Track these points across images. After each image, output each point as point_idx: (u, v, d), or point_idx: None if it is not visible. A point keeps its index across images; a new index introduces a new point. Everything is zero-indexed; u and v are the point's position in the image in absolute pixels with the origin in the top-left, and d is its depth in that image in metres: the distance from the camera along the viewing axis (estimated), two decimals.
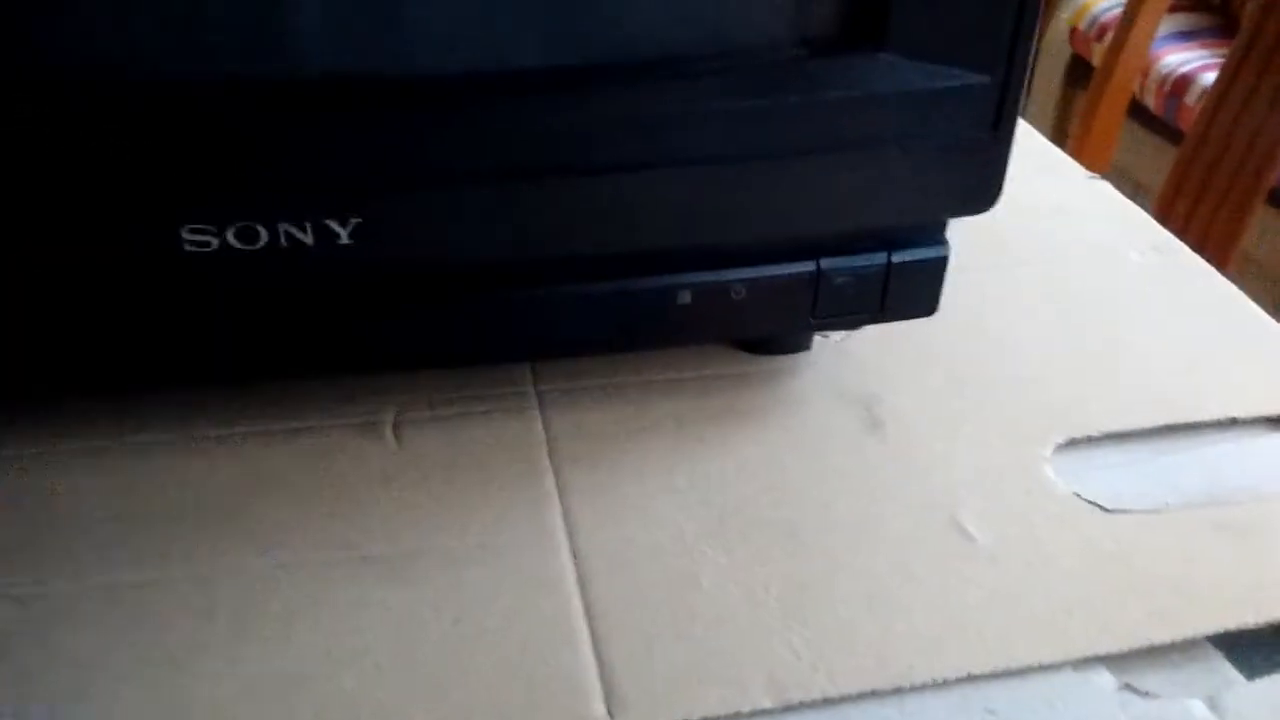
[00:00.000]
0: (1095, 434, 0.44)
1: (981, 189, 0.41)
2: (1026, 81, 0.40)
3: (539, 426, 0.43)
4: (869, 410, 0.44)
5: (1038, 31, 0.39)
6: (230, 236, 0.36)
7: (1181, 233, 1.33)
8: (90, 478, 0.40)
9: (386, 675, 0.34)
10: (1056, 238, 0.55)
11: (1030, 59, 0.39)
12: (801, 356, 0.47)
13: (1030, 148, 0.64)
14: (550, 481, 0.41)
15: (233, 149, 0.35)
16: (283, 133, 0.35)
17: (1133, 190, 1.70)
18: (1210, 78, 1.50)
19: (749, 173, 0.38)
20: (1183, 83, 1.51)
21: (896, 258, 0.42)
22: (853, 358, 0.47)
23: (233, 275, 0.37)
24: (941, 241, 0.43)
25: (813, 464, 0.42)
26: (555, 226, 0.38)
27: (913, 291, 0.43)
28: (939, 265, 0.43)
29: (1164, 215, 1.34)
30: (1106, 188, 0.61)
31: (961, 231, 0.42)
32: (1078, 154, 1.44)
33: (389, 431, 0.43)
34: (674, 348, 0.46)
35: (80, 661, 0.34)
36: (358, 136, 0.35)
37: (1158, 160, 1.52)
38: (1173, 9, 1.51)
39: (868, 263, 0.42)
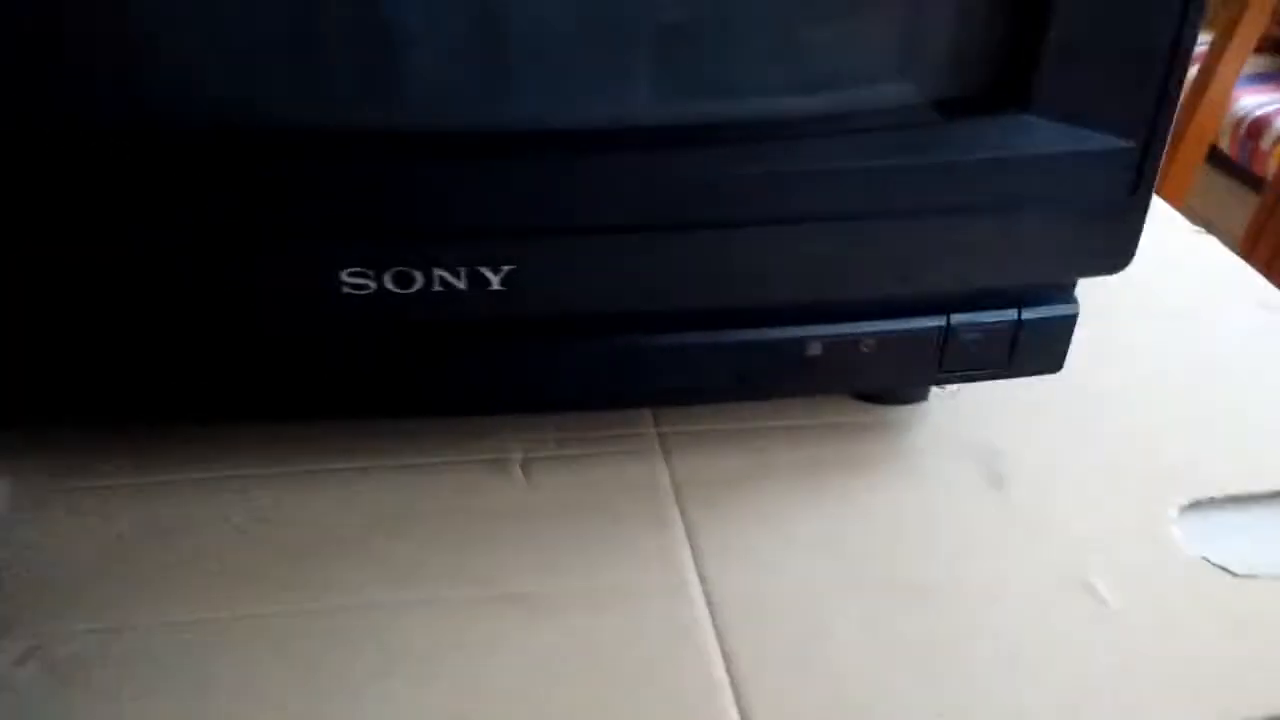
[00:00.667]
0: (1218, 495, 0.44)
1: (1116, 250, 0.41)
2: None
3: (662, 469, 0.44)
4: (989, 465, 0.45)
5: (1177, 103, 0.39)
6: (387, 280, 0.37)
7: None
8: (228, 509, 0.41)
9: (535, 716, 0.34)
10: (1165, 293, 0.55)
11: (1172, 123, 0.39)
12: (917, 407, 0.48)
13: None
14: (678, 526, 0.41)
15: (393, 197, 0.36)
16: (442, 183, 0.36)
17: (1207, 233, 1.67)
18: None
19: (886, 230, 0.39)
20: (1258, 126, 1.50)
21: (1027, 315, 0.42)
22: (968, 410, 0.47)
23: (386, 317, 0.38)
24: (1072, 300, 0.43)
25: (937, 519, 0.42)
26: (694, 278, 0.39)
27: (1040, 348, 0.43)
28: (1068, 323, 0.43)
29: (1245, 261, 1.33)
30: (1212, 242, 0.61)
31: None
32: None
33: (518, 470, 0.44)
34: (799, 397, 0.46)
35: (231, 691, 0.35)
36: (512, 187, 0.36)
37: (1231, 203, 1.51)
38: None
39: (998, 319, 0.42)
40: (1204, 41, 1.46)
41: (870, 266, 0.40)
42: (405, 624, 0.37)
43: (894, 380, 0.45)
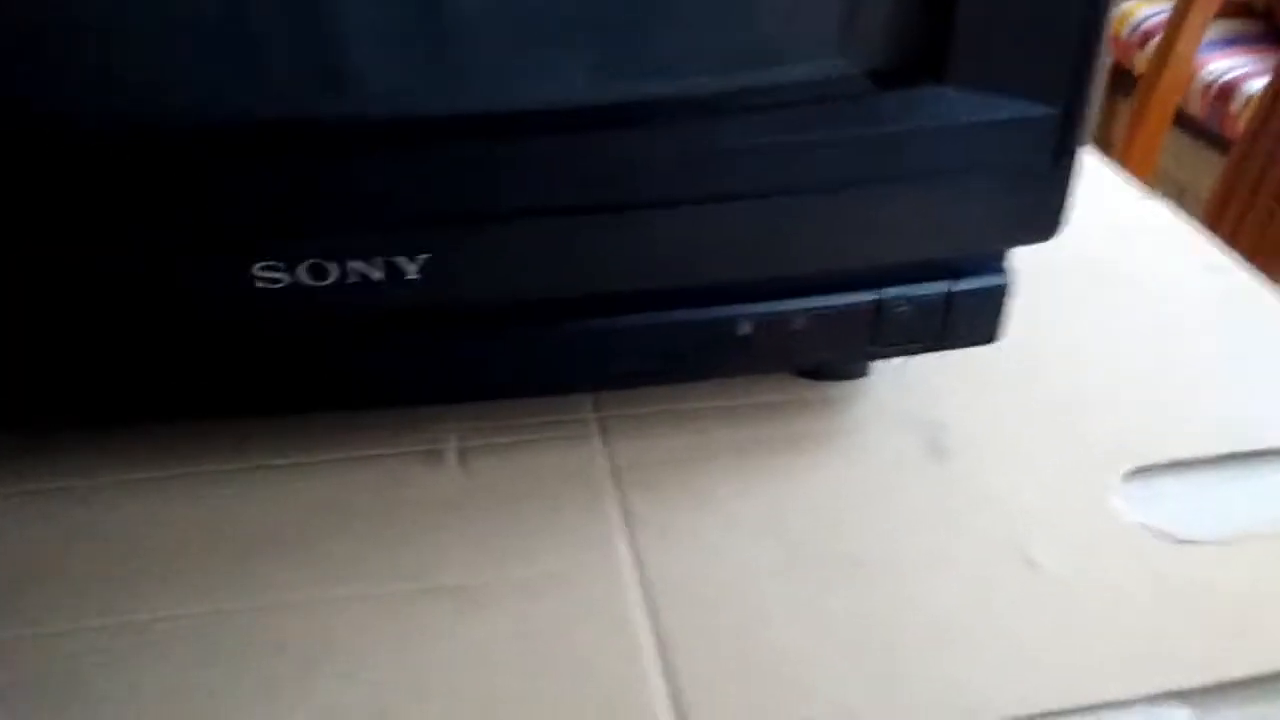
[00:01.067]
0: (1162, 462, 0.43)
1: (1044, 219, 0.41)
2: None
3: (602, 454, 0.44)
4: (933, 438, 0.44)
5: (1101, 59, 0.39)
6: (301, 273, 0.36)
7: (1231, 239, 1.32)
8: (155, 508, 0.41)
9: (461, 708, 0.34)
10: (1113, 260, 0.55)
11: (1095, 87, 0.39)
12: (861, 382, 0.47)
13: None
14: (616, 512, 0.41)
15: (302, 188, 0.35)
16: (353, 172, 0.35)
17: (1178, 196, 1.69)
18: (1255, 85, 1.49)
19: (810, 206, 0.38)
20: (1227, 90, 1.49)
21: (957, 287, 0.42)
22: (912, 383, 0.47)
23: (303, 310, 0.37)
24: (1002, 270, 0.43)
25: (878, 494, 0.42)
26: (617, 260, 0.39)
27: (974, 320, 0.43)
28: (1000, 294, 0.43)
29: (1213, 223, 1.32)
30: (1160, 207, 0.60)
31: (1018, 254, 0.42)
32: (1123, 162, 1.43)
33: (453, 459, 0.43)
34: (735, 376, 0.46)
35: (153, 695, 0.34)
36: (424, 174, 0.36)
37: (1202, 167, 1.51)
38: (1215, 15, 1.49)
39: (929, 292, 0.42)
40: (1168, 7, 1.46)
41: (796, 243, 0.39)
42: (337, 621, 0.37)
43: (828, 356, 0.45)
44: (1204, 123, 1.53)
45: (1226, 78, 1.51)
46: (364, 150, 0.35)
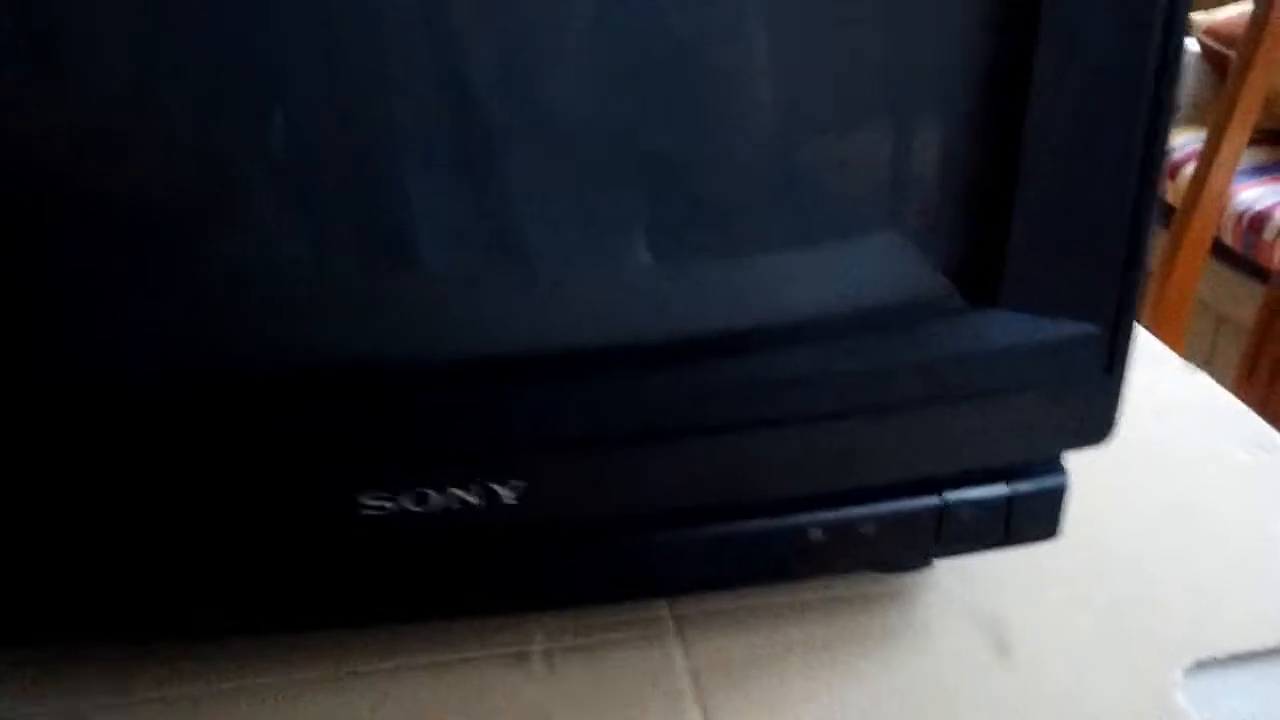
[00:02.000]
0: (1223, 655, 0.45)
1: (1097, 425, 0.43)
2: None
3: (679, 654, 0.45)
4: (996, 633, 0.46)
5: (1145, 278, 0.41)
6: (406, 500, 0.39)
7: (1272, 376, 1.32)
8: (258, 715, 0.43)
9: None
10: (1161, 439, 0.57)
11: (1139, 302, 0.42)
12: (925, 574, 0.49)
13: None
14: (695, 713, 0.43)
15: (405, 425, 0.38)
16: (452, 409, 0.38)
17: (1216, 326, 1.69)
18: None
19: (876, 424, 0.41)
20: (1259, 219, 1.52)
21: (1017, 489, 0.44)
22: (975, 576, 0.49)
23: (405, 532, 0.40)
24: (1060, 470, 0.45)
25: (946, 694, 0.43)
26: (697, 478, 0.41)
27: (1034, 518, 0.45)
28: (1058, 494, 0.45)
29: (1254, 357, 1.34)
30: (1205, 380, 0.62)
31: None
32: (1160, 293, 1.44)
33: (539, 662, 0.45)
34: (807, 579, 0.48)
35: None
36: (519, 410, 0.39)
37: (1241, 296, 1.52)
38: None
39: (990, 494, 0.44)
40: (1199, 139, 1.50)
41: (863, 457, 0.42)
42: None
43: (895, 557, 0.47)
44: (1239, 252, 1.55)
45: (1258, 207, 1.54)
46: (467, 390, 0.38)
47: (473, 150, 0.37)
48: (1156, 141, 0.38)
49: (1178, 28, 0.37)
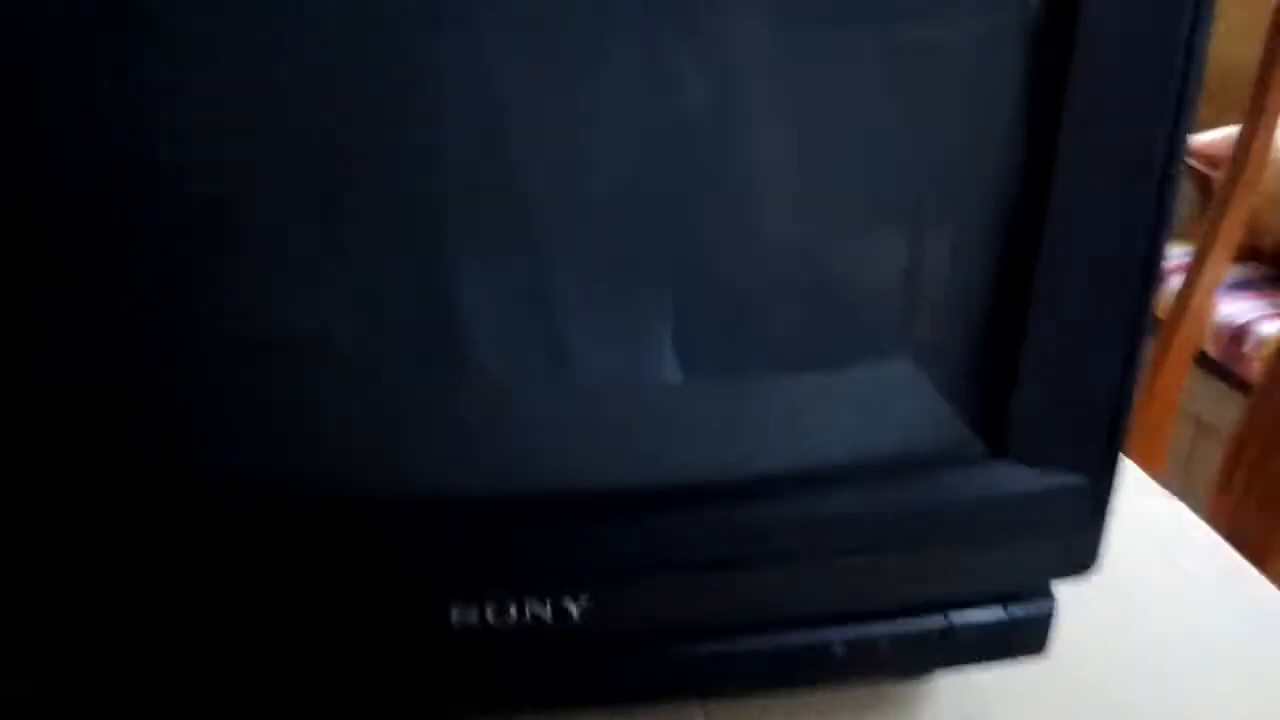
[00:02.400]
0: None
1: (1083, 558, 0.50)
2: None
3: None
4: None
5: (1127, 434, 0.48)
6: (489, 614, 0.45)
7: (1250, 484, 1.38)
8: None
9: None
10: (1140, 566, 0.63)
11: (1119, 455, 0.48)
12: (927, 681, 0.55)
13: None
14: None
15: (494, 552, 0.45)
16: (535, 539, 0.45)
17: (1196, 431, 1.75)
18: (1267, 327, 1.60)
19: (893, 556, 0.48)
20: (1240, 333, 1.60)
21: (1012, 611, 0.51)
22: (971, 685, 0.55)
23: (484, 640, 0.46)
24: (1049, 596, 0.51)
25: None
26: (737, 599, 0.48)
27: (1025, 637, 0.51)
28: (1047, 616, 0.51)
29: (1233, 464, 1.40)
30: (1179, 508, 0.69)
31: None
32: (1145, 400, 1.51)
33: None
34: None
35: None
36: (591, 539, 0.45)
37: (1224, 405, 1.59)
38: None
39: (988, 616, 0.50)
40: (1185, 253, 1.58)
41: (881, 583, 0.48)
42: None
43: (904, 667, 0.53)
44: (1221, 364, 1.63)
45: (1239, 321, 1.62)
46: (548, 522, 0.45)
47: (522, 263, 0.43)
48: (1143, 317, 0.45)
49: (1173, 180, 0.43)
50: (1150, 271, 0.45)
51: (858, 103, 0.43)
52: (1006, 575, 0.50)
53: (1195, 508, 0.70)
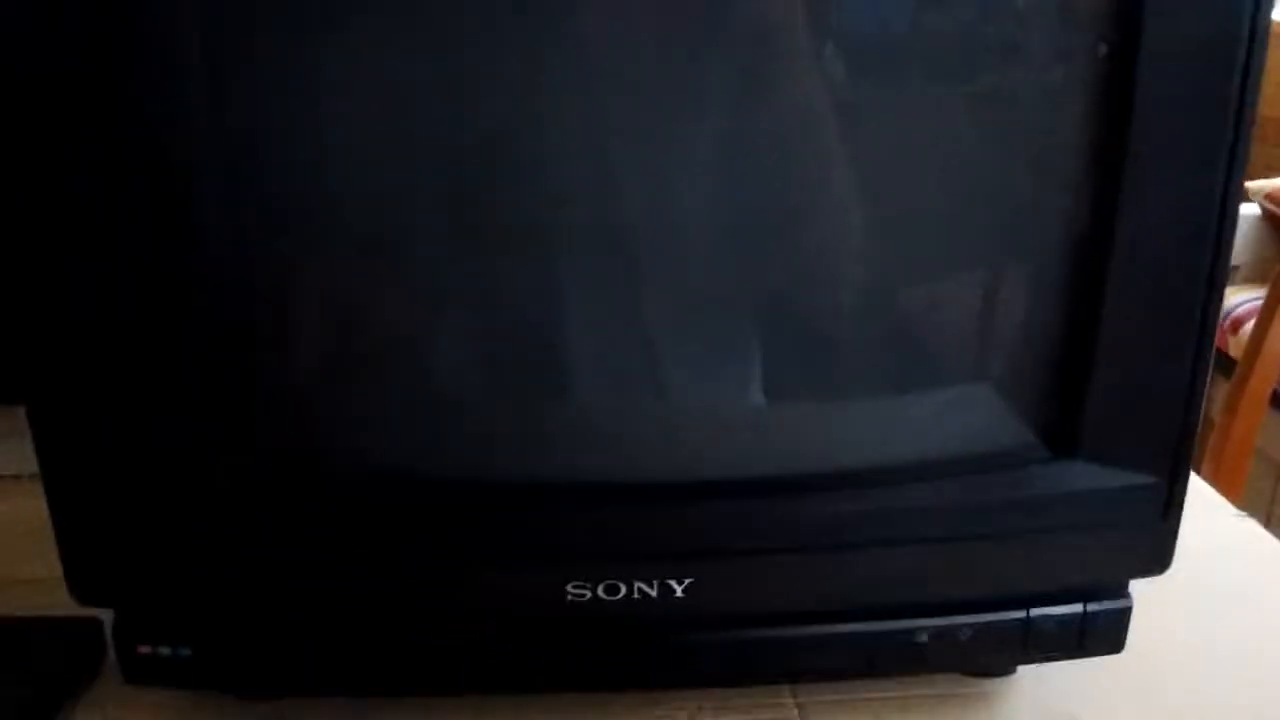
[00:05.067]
0: None
1: (1156, 559, 0.52)
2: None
3: None
4: None
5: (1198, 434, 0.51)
6: (600, 591, 0.49)
7: None
8: None
9: None
10: (1213, 574, 0.65)
11: (1191, 455, 0.51)
12: (1010, 679, 0.58)
13: None
14: None
15: (607, 533, 0.49)
16: (645, 521, 0.49)
17: (1275, 478, 1.74)
18: None
19: (974, 548, 0.51)
20: None
21: (1090, 607, 0.53)
22: (1053, 682, 0.58)
23: (594, 615, 0.50)
24: (1126, 595, 0.54)
25: None
26: (826, 586, 0.51)
27: (1103, 634, 0.54)
28: (1125, 614, 0.54)
29: None
30: (1254, 527, 0.71)
31: None
32: (1221, 444, 1.51)
33: None
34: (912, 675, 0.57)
35: None
36: (695, 524, 0.49)
37: None
38: None
39: (1067, 611, 0.53)
40: (1260, 296, 1.59)
41: (961, 575, 0.52)
42: None
43: (986, 662, 0.56)
44: None
45: None
46: (648, 506, 0.49)
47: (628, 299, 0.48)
48: (1211, 312, 0.48)
49: (1231, 215, 0.46)
50: (1219, 265, 0.48)
51: (939, 148, 0.48)
52: (1084, 573, 0.53)
53: None
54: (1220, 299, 0.49)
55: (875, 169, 0.48)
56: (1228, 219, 0.47)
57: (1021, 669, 0.58)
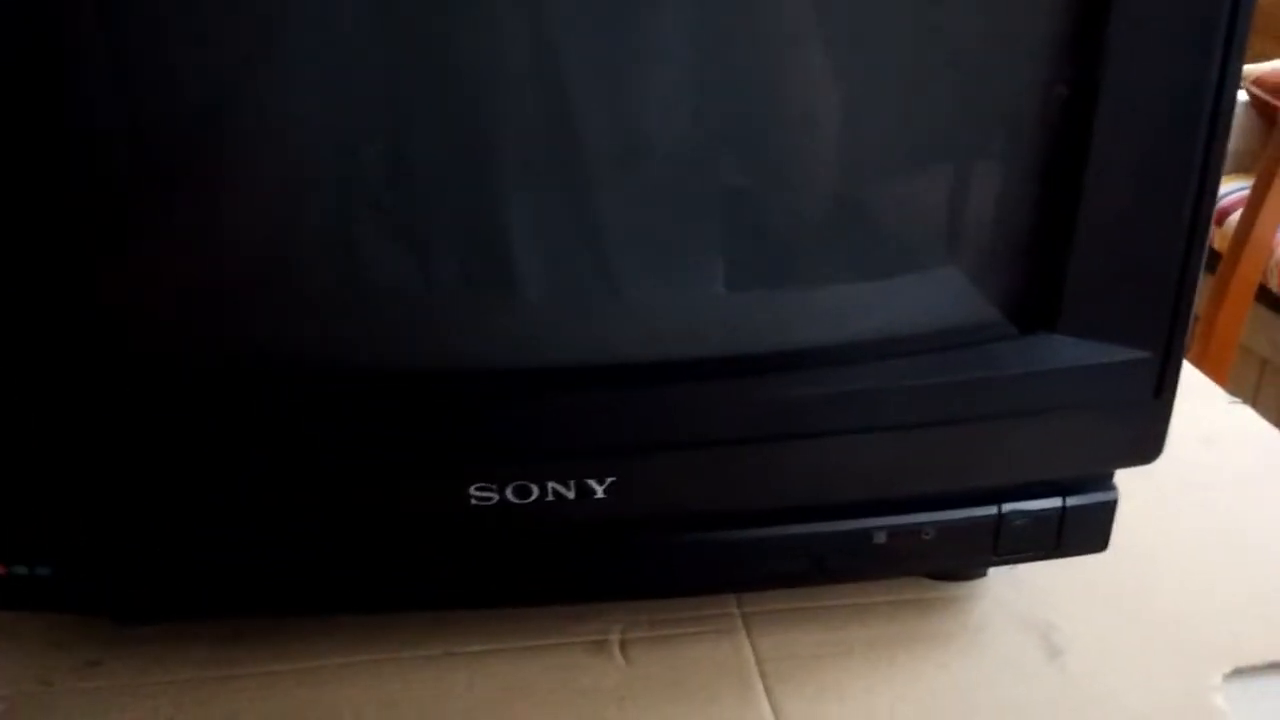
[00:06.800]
0: (1260, 663, 0.47)
1: (1146, 445, 0.46)
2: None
3: (748, 648, 0.49)
4: (1047, 638, 0.49)
5: (1191, 314, 0.44)
6: (509, 493, 0.43)
7: None
8: (364, 689, 0.47)
9: None
10: (1207, 466, 0.60)
11: (1188, 331, 0.45)
12: (979, 582, 0.52)
13: None
14: (765, 707, 0.46)
15: (513, 426, 0.42)
16: (555, 412, 0.42)
17: (1260, 370, 1.70)
18: None
19: (939, 436, 0.44)
20: None
21: (1070, 502, 0.47)
22: (1026, 585, 0.52)
23: (505, 522, 0.44)
24: (1110, 487, 0.48)
25: (999, 694, 0.46)
26: (770, 482, 0.45)
27: (1085, 531, 0.48)
28: (1109, 509, 0.48)
29: None
30: (1248, 412, 0.65)
31: None
32: (1205, 337, 1.46)
33: (617, 650, 0.49)
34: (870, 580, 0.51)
35: None
36: (613, 414, 0.43)
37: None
38: None
39: (1044, 506, 0.47)
40: (1245, 186, 1.52)
41: (926, 466, 0.45)
42: None
43: (953, 563, 0.50)
44: None
45: None
46: (569, 393, 0.42)
47: (575, 187, 0.41)
48: (1208, 182, 0.42)
49: (1231, 80, 0.40)
50: (1217, 132, 0.41)
51: (911, 32, 0.41)
52: (1064, 462, 0.46)
53: None
54: (1220, 164, 0.42)
55: (839, 48, 0.41)
56: (1227, 88, 0.40)
57: (992, 572, 0.52)
